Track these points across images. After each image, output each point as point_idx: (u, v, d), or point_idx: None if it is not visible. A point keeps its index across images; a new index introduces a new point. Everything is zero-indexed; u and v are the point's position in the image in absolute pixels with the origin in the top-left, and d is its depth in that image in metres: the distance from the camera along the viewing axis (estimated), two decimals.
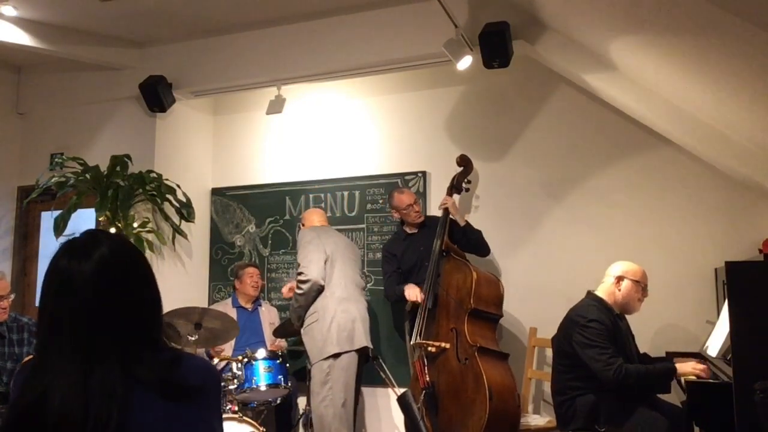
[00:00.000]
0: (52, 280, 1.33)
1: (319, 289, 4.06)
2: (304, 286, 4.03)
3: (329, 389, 3.94)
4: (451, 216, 4.27)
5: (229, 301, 4.82)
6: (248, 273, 4.80)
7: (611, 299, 3.40)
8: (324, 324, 3.99)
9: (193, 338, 3.85)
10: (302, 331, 4.11)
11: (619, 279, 3.40)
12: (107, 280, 1.32)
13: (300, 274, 4.06)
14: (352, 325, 4.03)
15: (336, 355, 3.96)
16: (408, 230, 4.45)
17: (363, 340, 4.05)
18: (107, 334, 1.29)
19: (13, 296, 3.65)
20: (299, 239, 4.27)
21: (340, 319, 4.00)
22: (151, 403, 1.27)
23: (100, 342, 1.28)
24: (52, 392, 1.22)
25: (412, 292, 4.11)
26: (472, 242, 4.27)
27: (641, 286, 3.42)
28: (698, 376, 3.10)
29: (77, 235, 1.41)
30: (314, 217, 4.51)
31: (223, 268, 5.36)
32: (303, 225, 4.48)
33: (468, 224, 4.30)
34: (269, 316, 4.82)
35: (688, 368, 3.16)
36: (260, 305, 4.85)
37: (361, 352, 4.07)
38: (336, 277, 4.10)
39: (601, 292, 3.43)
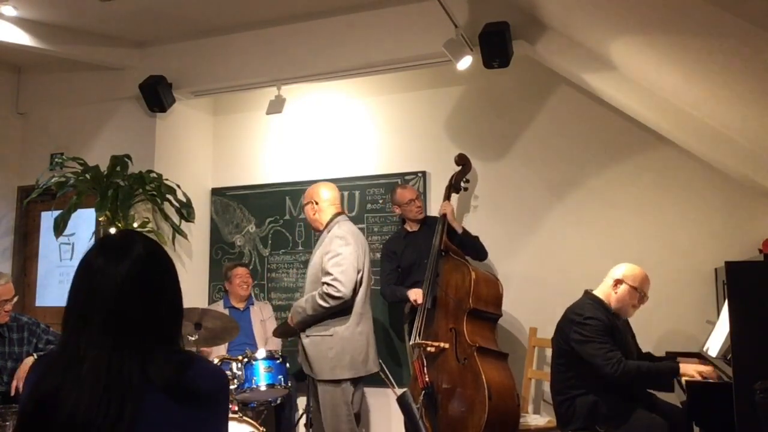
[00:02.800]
0: (86, 279, 1.34)
1: (344, 307, 3.70)
2: (332, 302, 3.61)
3: (345, 405, 3.69)
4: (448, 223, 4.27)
5: (221, 302, 4.82)
6: (237, 274, 4.79)
7: (607, 300, 3.39)
8: (338, 345, 3.67)
9: (193, 338, 3.85)
10: (307, 339, 3.75)
11: (618, 282, 3.37)
12: (142, 281, 1.34)
13: (332, 286, 3.60)
14: (367, 348, 3.76)
15: (347, 379, 3.72)
16: (409, 228, 4.45)
17: (374, 365, 3.80)
18: (134, 333, 1.30)
19: (16, 299, 3.65)
20: (334, 239, 3.73)
21: (356, 342, 3.70)
22: (161, 404, 1.28)
23: (126, 341, 1.29)
24: (69, 388, 1.24)
25: (416, 293, 4.10)
26: (469, 249, 4.25)
27: (639, 293, 3.35)
28: (702, 377, 3.08)
29: (111, 234, 1.43)
30: (327, 194, 3.91)
31: (222, 267, 5.36)
32: (316, 203, 3.88)
33: (465, 231, 4.29)
34: (260, 314, 4.82)
35: (690, 369, 3.12)
36: (252, 304, 4.86)
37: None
38: (360, 293, 3.76)
39: (599, 291, 3.42)
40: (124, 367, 1.27)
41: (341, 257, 3.65)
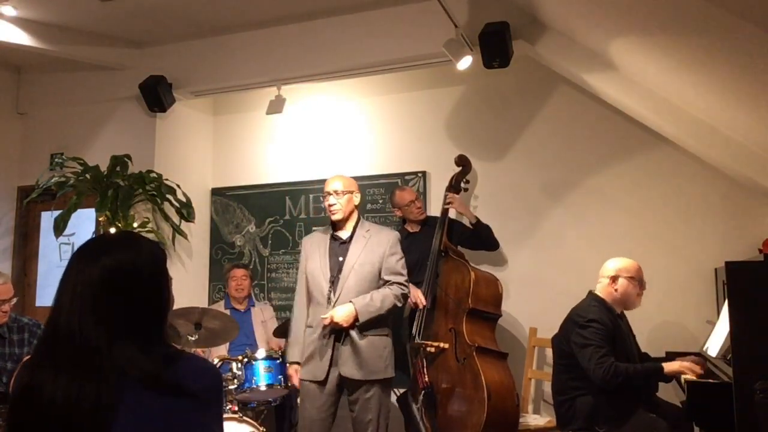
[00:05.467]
0: (61, 280, 1.42)
1: None
2: (403, 302, 3.56)
3: (389, 404, 3.58)
4: (459, 213, 4.27)
5: (222, 303, 4.81)
6: (231, 276, 4.76)
7: (610, 299, 3.38)
8: (389, 344, 3.51)
9: (193, 338, 3.84)
10: (364, 339, 3.40)
11: (614, 279, 3.37)
12: (110, 287, 1.36)
13: (406, 287, 3.53)
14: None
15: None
16: (410, 229, 4.45)
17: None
18: (105, 332, 1.32)
19: (15, 300, 3.63)
20: (397, 242, 3.59)
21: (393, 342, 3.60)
22: (141, 396, 1.29)
23: (96, 339, 1.31)
24: (49, 378, 1.29)
25: (415, 294, 4.09)
26: (483, 238, 4.28)
27: (637, 281, 3.38)
28: (692, 373, 3.09)
29: (91, 237, 1.51)
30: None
31: (223, 268, 5.36)
32: (357, 197, 3.63)
33: (478, 220, 4.31)
34: (262, 315, 4.80)
35: (675, 366, 3.14)
36: (253, 305, 4.84)
37: None
38: None
39: (600, 291, 3.42)
40: (103, 359, 1.30)
41: (404, 260, 3.57)
